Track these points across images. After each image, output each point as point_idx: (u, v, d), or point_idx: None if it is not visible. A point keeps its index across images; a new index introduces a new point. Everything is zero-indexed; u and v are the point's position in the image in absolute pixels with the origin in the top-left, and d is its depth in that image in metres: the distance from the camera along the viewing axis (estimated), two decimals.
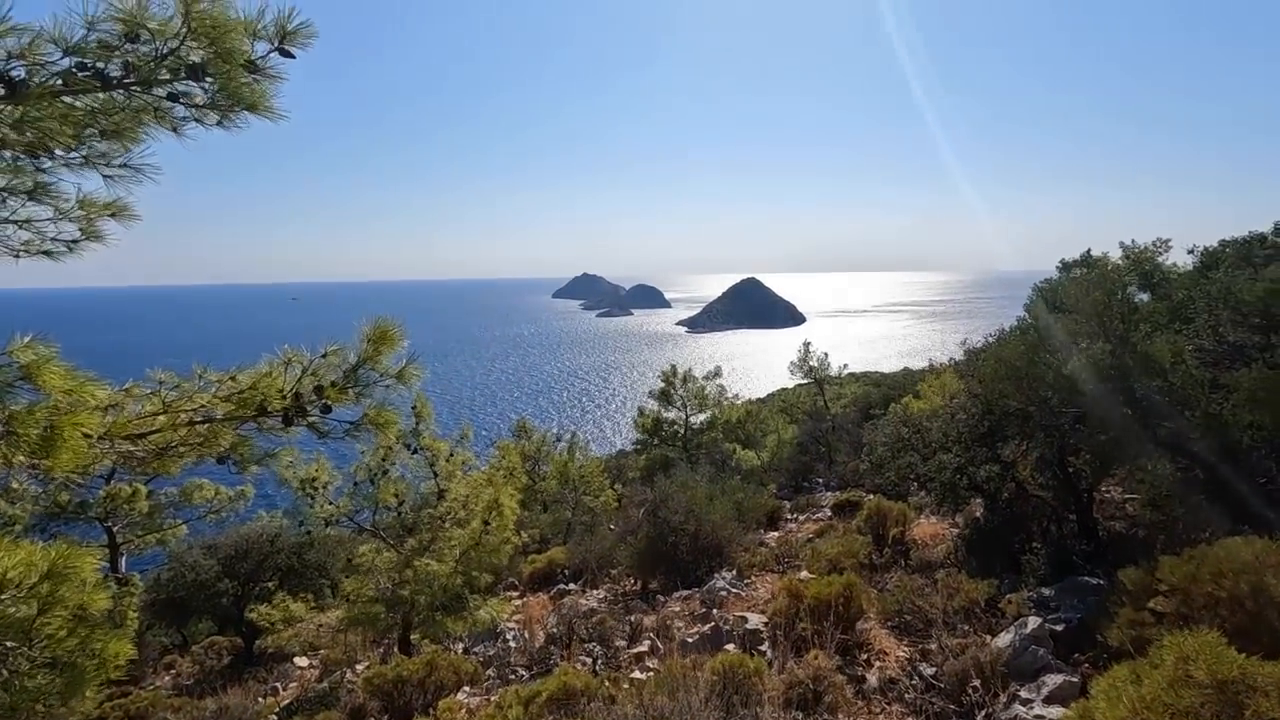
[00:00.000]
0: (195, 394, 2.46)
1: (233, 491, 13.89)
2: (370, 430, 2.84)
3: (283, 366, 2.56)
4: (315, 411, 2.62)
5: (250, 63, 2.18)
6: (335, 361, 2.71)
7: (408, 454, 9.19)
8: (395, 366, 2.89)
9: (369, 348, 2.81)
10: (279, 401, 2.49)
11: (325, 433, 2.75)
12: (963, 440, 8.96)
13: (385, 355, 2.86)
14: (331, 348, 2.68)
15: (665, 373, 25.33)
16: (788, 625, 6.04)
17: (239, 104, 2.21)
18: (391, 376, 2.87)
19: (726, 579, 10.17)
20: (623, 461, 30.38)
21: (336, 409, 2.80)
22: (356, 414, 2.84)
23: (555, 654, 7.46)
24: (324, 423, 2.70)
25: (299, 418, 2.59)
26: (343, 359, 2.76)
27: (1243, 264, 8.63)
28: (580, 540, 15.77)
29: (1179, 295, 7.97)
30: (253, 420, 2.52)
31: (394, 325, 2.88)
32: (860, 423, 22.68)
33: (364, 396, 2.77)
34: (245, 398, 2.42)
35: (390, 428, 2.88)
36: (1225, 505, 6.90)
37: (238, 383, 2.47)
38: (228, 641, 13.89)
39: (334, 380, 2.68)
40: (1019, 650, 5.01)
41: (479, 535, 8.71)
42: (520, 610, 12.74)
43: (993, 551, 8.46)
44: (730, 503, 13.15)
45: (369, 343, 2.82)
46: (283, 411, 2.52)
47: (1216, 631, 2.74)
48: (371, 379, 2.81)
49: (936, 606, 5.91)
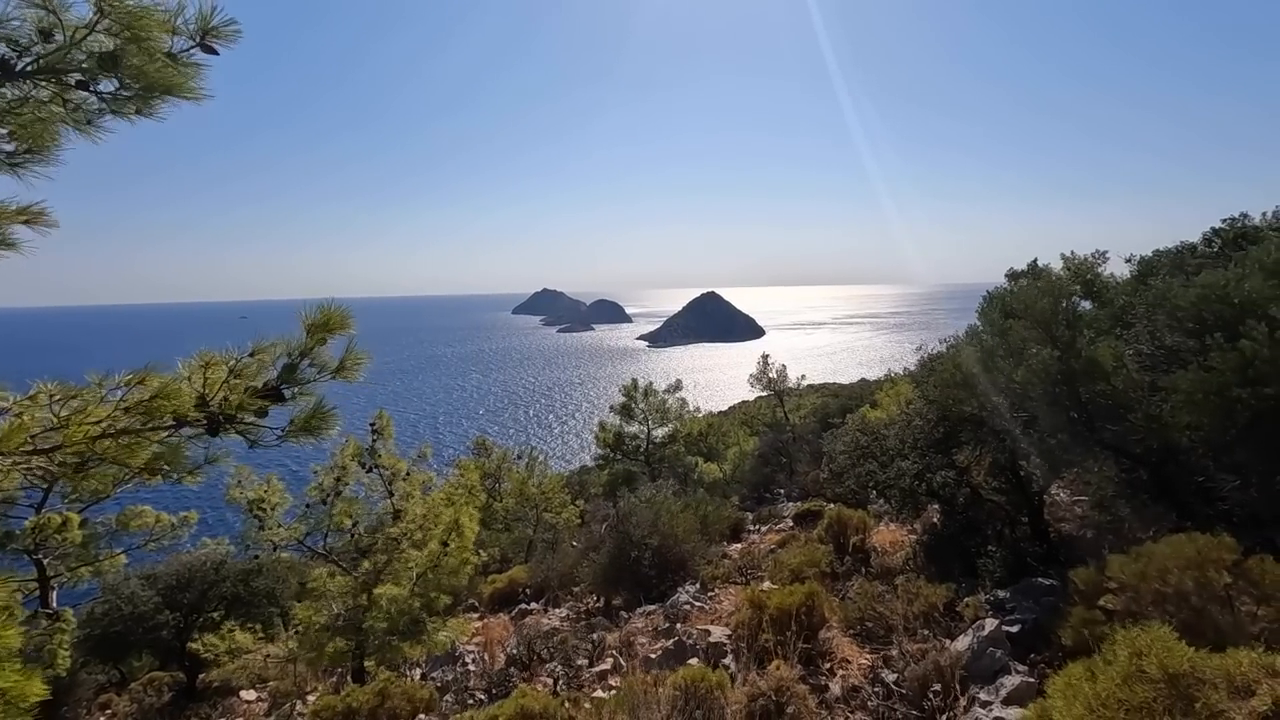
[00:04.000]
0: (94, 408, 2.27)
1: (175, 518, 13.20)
2: (308, 433, 2.66)
3: (201, 370, 2.38)
4: (247, 417, 2.46)
5: (170, 55, 2.05)
6: (266, 360, 2.54)
7: (364, 473, 8.89)
8: (336, 359, 2.72)
9: (309, 340, 2.63)
10: (193, 409, 2.32)
11: (255, 441, 2.57)
12: (919, 447, 9.10)
13: (326, 347, 2.68)
14: (261, 344, 2.51)
15: (626, 386, 25.25)
16: (751, 637, 5.98)
17: (156, 89, 2.07)
18: (332, 371, 2.69)
19: (690, 592, 10.09)
20: (585, 477, 30.09)
21: (277, 410, 2.63)
22: (293, 415, 2.66)
23: (515, 676, 7.25)
24: (255, 430, 2.52)
25: (228, 425, 2.42)
26: (276, 356, 2.59)
27: (1177, 271, 9.01)
28: (542, 558, 15.50)
29: (1120, 302, 8.26)
30: (172, 430, 2.34)
31: (340, 311, 2.70)
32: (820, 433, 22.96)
33: (304, 396, 2.60)
34: (156, 406, 2.24)
35: (330, 425, 2.69)
36: (1168, 504, 7.14)
37: (147, 388, 2.29)
38: (169, 677, 13.15)
39: (266, 381, 2.52)
40: (977, 653, 5.05)
41: (437, 557, 8.45)
42: (480, 632, 12.41)
43: (950, 556, 8.58)
44: (694, 516, 13.10)
45: (310, 333, 2.64)
46: (205, 420, 2.35)
47: (1167, 626, 2.78)
48: (311, 376, 2.63)
49: (897, 612, 5.93)
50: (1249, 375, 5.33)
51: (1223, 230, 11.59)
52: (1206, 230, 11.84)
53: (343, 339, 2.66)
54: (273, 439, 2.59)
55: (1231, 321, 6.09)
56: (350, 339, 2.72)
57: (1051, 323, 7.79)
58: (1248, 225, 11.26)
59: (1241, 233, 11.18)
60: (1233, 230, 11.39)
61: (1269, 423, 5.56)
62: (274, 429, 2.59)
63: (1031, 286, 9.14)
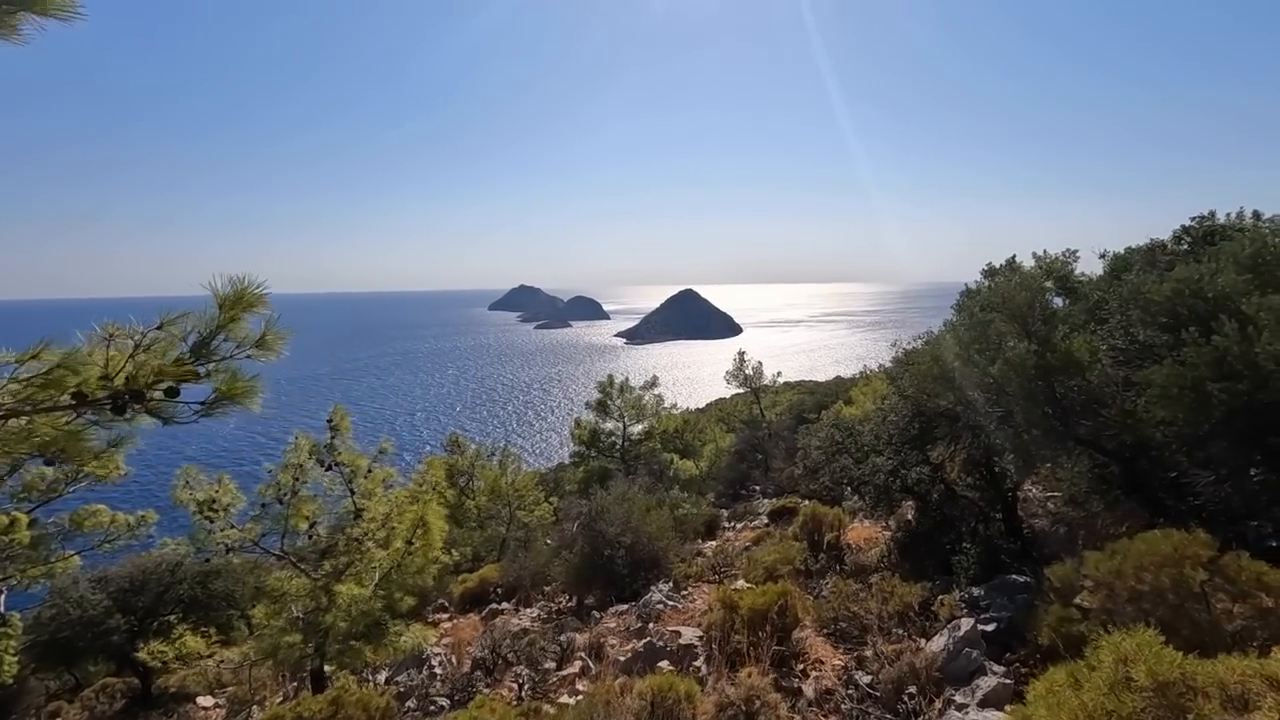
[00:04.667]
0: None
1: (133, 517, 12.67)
2: (230, 404, 2.40)
3: (104, 343, 2.11)
4: (156, 395, 2.19)
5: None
6: (176, 334, 2.27)
7: (321, 471, 8.54)
8: (255, 333, 2.47)
9: (224, 314, 2.38)
10: (98, 387, 2.05)
11: (169, 418, 2.30)
12: (894, 443, 9.01)
13: (243, 321, 2.43)
14: (169, 316, 2.25)
15: (602, 383, 25.00)
16: (723, 639, 5.81)
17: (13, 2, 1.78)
18: (252, 345, 2.44)
19: (663, 591, 9.90)
20: (561, 474, 29.80)
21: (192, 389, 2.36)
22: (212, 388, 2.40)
23: (480, 681, 6.99)
24: (167, 409, 2.26)
25: (135, 404, 2.15)
26: (188, 330, 2.32)
27: (1150, 267, 9.02)
28: (514, 557, 15.21)
29: (1094, 297, 8.23)
30: (72, 411, 2.07)
31: (254, 289, 2.47)
32: (795, 429, 22.95)
33: (218, 372, 2.34)
34: (58, 378, 1.97)
35: (252, 396, 2.44)
36: (1141, 499, 7.11)
37: (40, 361, 2.01)
38: (122, 683, 12.63)
39: (178, 356, 2.25)
40: (953, 653, 4.92)
41: (401, 556, 8.14)
42: (449, 633, 12.10)
43: (925, 553, 8.50)
44: (667, 513, 12.92)
45: (223, 308, 2.39)
46: (110, 398, 2.09)
47: (1152, 629, 2.63)
48: (229, 352, 2.38)
49: (872, 612, 5.80)
50: (1223, 370, 5.28)
51: (1192, 228, 11.71)
52: (1176, 229, 11.97)
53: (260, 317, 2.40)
54: (189, 415, 2.32)
55: (1205, 316, 6.04)
56: (269, 317, 2.46)
57: (1028, 317, 7.72)
58: (1215, 224, 11.39)
59: (1210, 230, 11.30)
60: (1202, 228, 11.50)
61: (1242, 418, 5.51)
62: (191, 404, 2.32)
63: (1008, 281, 9.09)
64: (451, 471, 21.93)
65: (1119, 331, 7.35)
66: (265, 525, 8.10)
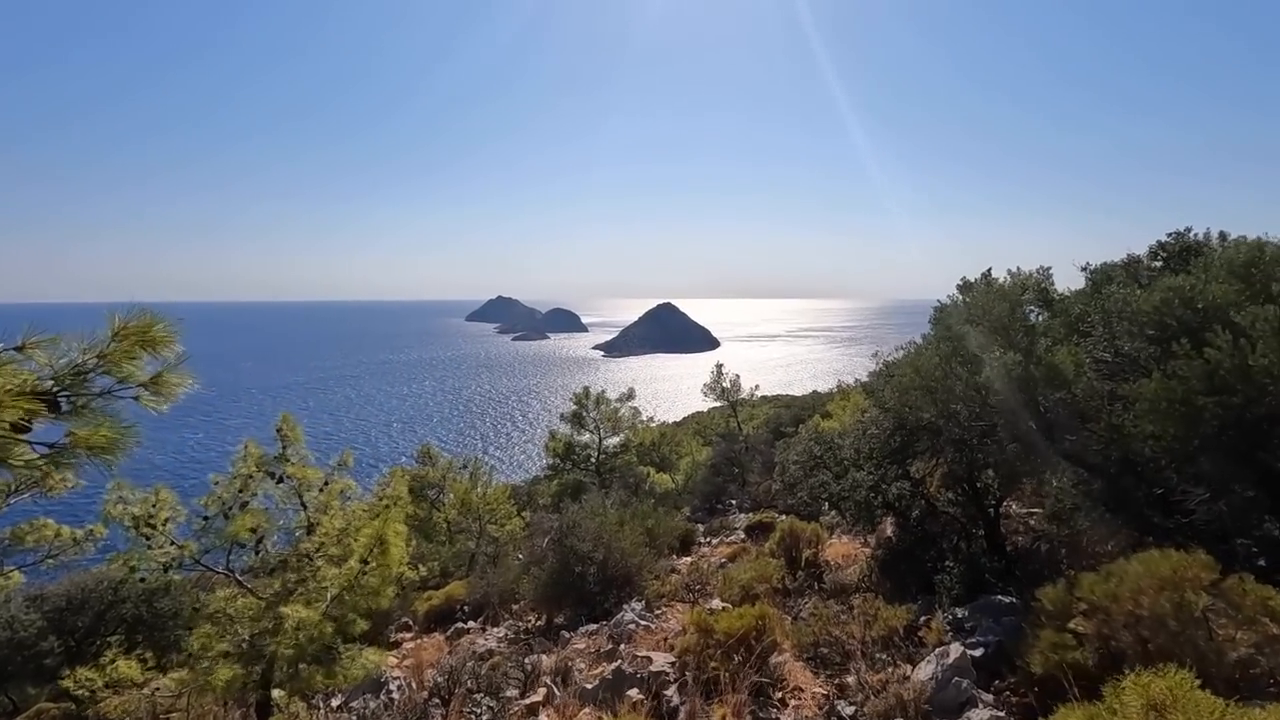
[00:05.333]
0: None
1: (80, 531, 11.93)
2: (78, 458, 1.98)
3: None
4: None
5: None
6: (42, 360, 1.87)
7: (273, 484, 8.01)
8: (148, 373, 2.06)
9: (113, 345, 1.98)
10: None
11: (4, 459, 1.88)
12: (874, 457, 8.75)
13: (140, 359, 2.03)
14: (32, 339, 1.85)
15: (577, 395, 24.57)
16: (697, 666, 5.42)
17: None
18: (142, 385, 2.04)
19: (635, 611, 9.50)
20: (535, 487, 29.19)
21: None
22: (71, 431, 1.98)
23: (436, 710, 6.52)
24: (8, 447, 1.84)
25: None
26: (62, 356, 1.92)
27: (1131, 280, 8.91)
28: (483, 573, 14.66)
29: (1076, 310, 8.07)
30: None
31: (166, 323, 2.07)
32: (772, 443, 22.70)
33: (85, 411, 1.93)
34: None
35: (112, 452, 2.03)
36: (1127, 516, 6.89)
37: None
38: (57, 709, 11.81)
39: (39, 386, 1.85)
40: (942, 683, 4.60)
41: (356, 575, 7.63)
42: (411, 654, 11.54)
43: (906, 572, 8.21)
44: (641, 528, 12.51)
45: (117, 337, 2.00)
46: None
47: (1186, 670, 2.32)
48: (106, 388, 1.98)
49: (854, 636, 5.46)
50: (1215, 384, 5.08)
51: (1168, 243, 11.71)
52: (1152, 244, 11.98)
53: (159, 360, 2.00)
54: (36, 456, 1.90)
55: (1195, 327, 5.87)
56: (176, 356, 2.06)
57: (1010, 328, 7.53)
58: (1191, 240, 11.40)
59: (1185, 246, 11.31)
60: (1178, 243, 11.51)
61: (1234, 432, 5.32)
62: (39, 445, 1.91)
63: (988, 292, 8.92)
64: (421, 483, 21.26)
65: (1104, 344, 7.18)
66: (208, 541, 7.55)
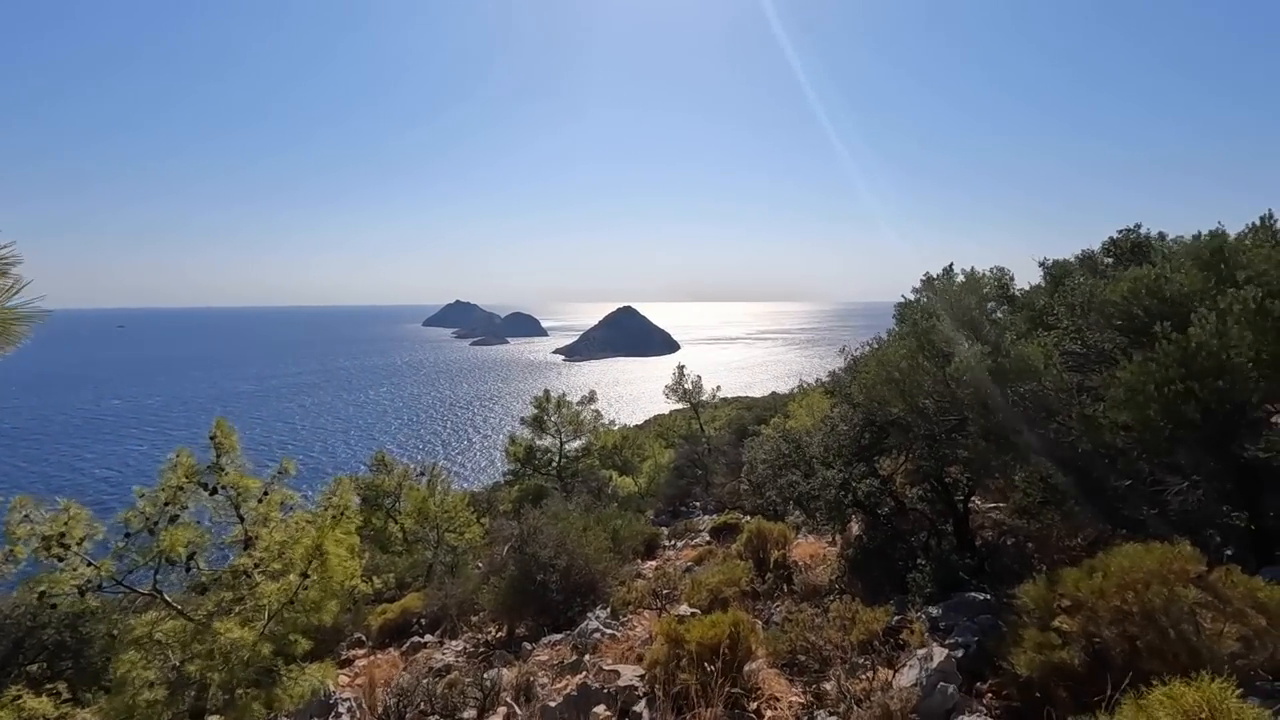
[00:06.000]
0: None
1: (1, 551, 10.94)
2: None
3: None
4: None
5: None
6: None
7: (206, 495, 7.37)
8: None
9: None
10: None
11: None
12: (844, 455, 8.58)
13: None
14: None
15: (538, 398, 24.05)
16: (667, 677, 5.09)
17: None
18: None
19: (600, 619, 9.13)
20: (495, 494, 28.48)
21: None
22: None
23: None
24: None
25: None
26: None
27: (1090, 275, 8.96)
28: (440, 584, 14.07)
29: (1039, 303, 8.04)
30: None
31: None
32: (736, 444, 22.58)
33: None
34: None
35: None
36: (1097, 508, 6.83)
37: None
38: None
39: None
40: (927, 689, 4.37)
41: (294, 590, 7.07)
42: (364, 671, 10.92)
43: (878, 571, 8.04)
44: (605, 533, 12.15)
45: None
46: None
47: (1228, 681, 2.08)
48: None
49: (832, 642, 5.20)
50: (1194, 367, 5.00)
51: (1119, 240, 11.93)
52: (1105, 240, 12.20)
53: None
54: None
55: (1164, 316, 5.82)
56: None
57: (978, 320, 7.44)
58: (1142, 236, 11.63)
59: (1136, 242, 11.53)
60: (1129, 240, 11.73)
61: (1209, 422, 5.26)
62: None
63: (954, 286, 8.86)
64: (376, 492, 20.44)
65: (1071, 335, 7.14)
66: (131, 560, 6.89)
